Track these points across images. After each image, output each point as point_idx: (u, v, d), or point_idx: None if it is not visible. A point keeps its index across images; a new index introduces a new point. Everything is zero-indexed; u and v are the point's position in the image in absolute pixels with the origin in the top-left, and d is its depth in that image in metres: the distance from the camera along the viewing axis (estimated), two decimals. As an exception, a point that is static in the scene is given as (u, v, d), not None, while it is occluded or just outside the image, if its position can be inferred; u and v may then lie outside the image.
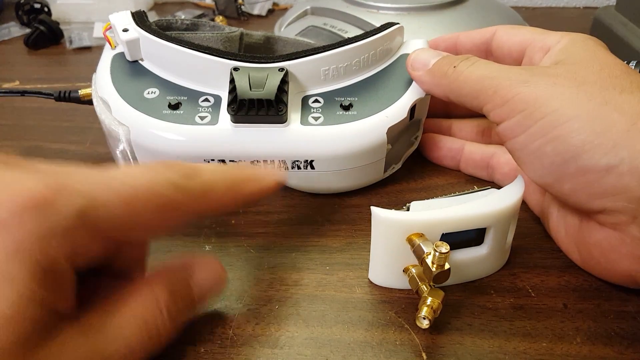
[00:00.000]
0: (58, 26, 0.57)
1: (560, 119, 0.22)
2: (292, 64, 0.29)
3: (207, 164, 0.28)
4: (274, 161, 0.29)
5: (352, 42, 0.30)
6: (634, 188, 0.20)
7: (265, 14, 0.64)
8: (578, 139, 0.21)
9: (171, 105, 0.29)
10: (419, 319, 0.22)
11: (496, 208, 0.23)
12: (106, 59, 0.32)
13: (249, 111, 0.27)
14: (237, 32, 0.33)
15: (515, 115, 0.23)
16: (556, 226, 0.26)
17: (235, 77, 0.28)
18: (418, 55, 0.29)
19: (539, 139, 0.22)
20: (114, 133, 0.29)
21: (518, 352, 0.22)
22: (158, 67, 0.31)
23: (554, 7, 0.67)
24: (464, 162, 0.32)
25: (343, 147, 0.28)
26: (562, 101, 0.22)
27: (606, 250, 0.23)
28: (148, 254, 0.22)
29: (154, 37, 0.30)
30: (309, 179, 0.30)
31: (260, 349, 0.22)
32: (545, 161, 0.23)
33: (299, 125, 0.28)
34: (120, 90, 0.30)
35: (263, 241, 0.28)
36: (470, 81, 0.25)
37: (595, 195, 0.22)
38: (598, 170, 0.21)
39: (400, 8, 0.45)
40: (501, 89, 0.24)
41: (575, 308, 0.24)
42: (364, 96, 0.30)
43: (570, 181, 0.22)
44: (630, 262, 0.22)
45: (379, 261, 0.25)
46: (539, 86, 0.23)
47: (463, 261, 0.24)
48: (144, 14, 0.32)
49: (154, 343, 0.19)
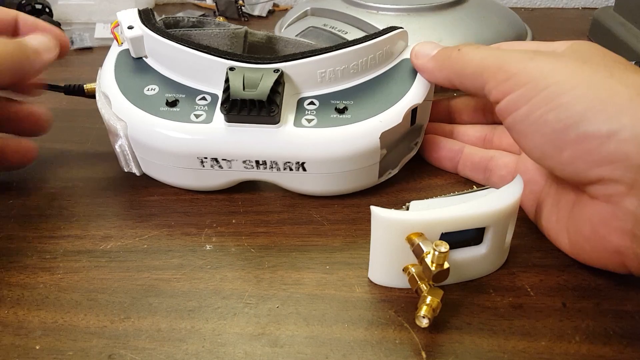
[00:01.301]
0: (59, 27, 0.57)
1: (563, 88, 0.22)
2: (287, 66, 0.29)
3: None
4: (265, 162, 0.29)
5: (349, 45, 0.29)
6: (633, 156, 0.20)
7: (266, 15, 0.65)
8: (581, 106, 0.22)
9: (168, 103, 0.29)
10: (418, 317, 0.22)
11: (495, 208, 0.23)
12: (112, 55, 0.32)
13: (241, 111, 0.27)
14: (242, 30, 0.34)
15: (519, 88, 0.24)
16: (548, 215, 0.26)
17: (230, 77, 0.28)
18: (422, 46, 0.30)
19: (542, 108, 0.23)
20: (113, 128, 0.29)
21: (517, 351, 0.22)
22: (160, 64, 0.31)
23: (552, 8, 0.67)
24: (462, 164, 0.33)
25: (334, 150, 0.28)
26: (566, 73, 0.23)
27: (597, 225, 0.23)
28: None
29: (156, 35, 0.30)
30: (301, 181, 0.30)
31: (261, 347, 0.22)
32: (546, 129, 0.23)
33: (292, 127, 0.28)
34: (121, 86, 0.30)
35: (263, 241, 0.28)
36: (475, 60, 0.26)
37: (594, 163, 0.22)
38: (599, 137, 0.21)
39: (400, 9, 0.45)
40: (506, 64, 0.24)
41: (574, 307, 0.24)
42: (360, 100, 0.29)
43: (570, 148, 0.22)
44: (619, 237, 0.22)
45: (378, 260, 0.25)
46: (543, 62, 0.23)
47: (462, 260, 0.24)
48: (151, 12, 0.33)
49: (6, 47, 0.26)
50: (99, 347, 0.22)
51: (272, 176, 0.30)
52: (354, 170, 0.29)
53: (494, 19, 0.47)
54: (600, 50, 0.25)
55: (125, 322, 0.24)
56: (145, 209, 0.31)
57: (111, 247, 0.28)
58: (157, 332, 0.23)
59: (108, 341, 0.23)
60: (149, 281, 0.26)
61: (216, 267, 0.27)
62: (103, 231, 0.29)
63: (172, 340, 0.23)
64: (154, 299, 0.25)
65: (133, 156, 0.31)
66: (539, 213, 0.27)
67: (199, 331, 0.23)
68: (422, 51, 0.30)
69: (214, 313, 0.24)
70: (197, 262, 0.27)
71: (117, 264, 0.27)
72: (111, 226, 0.29)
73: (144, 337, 0.23)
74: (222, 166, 0.29)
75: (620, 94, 0.21)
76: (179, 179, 0.31)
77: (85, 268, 0.27)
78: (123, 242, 0.28)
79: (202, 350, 0.22)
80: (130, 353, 0.22)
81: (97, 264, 0.27)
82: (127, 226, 0.29)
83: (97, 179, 0.33)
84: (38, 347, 0.23)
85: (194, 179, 0.30)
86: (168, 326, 0.23)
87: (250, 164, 0.29)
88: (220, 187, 0.31)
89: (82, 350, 0.22)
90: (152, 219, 0.30)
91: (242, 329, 0.23)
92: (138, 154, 0.30)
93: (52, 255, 0.27)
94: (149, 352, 0.22)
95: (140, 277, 0.26)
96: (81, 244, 0.28)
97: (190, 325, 0.23)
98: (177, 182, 0.31)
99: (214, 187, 0.31)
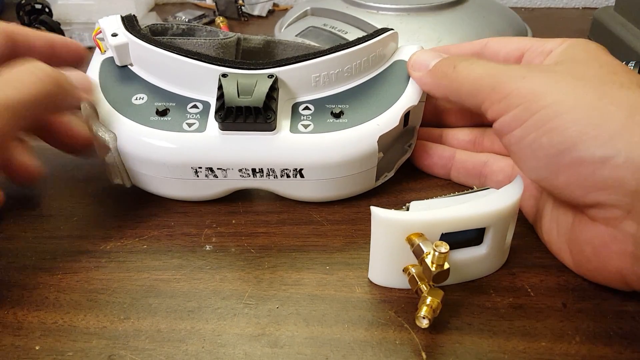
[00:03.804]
0: (59, 27, 0.57)
1: (556, 111, 0.22)
2: (281, 71, 0.28)
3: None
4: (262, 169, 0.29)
5: (343, 49, 0.29)
6: (628, 181, 0.20)
7: (266, 15, 0.65)
8: (574, 130, 0.21)
9: (159, 112, 0.29)
10: (418, 318, 0.22)
11: (495, 208, 0.23)
12: (95, 64, 0.31)
13: (236, 118, 0.27)
14: (233, 38, 0.33)
15: (512, 109, 0.23)
16: (549, 228, 0.26)
17: (223, 84, 0.27)
18: (419, 57, 0.29)
19: (535, 131, 0.22)
20: (101, 140, 0.28)
21: (517, 352, 0.22)
22: (147, 72, 0.30)
23: (552, 8, 0.67)
24: (455, 171, 0.32)
25: (333, 156, 0.28)
26: (559, 94, 0.22)
27: (598, 247, 0.23)
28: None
29: (142, 42, 0.29)
30: (298, 188, 0.29)
31: (261, 348, 0.22)
32: (541, 153, 0.23)
33: (288, 133, 0.28)
34: (107, 96, 0.29)
35: (263, 241, 0.28)
36: (470, 80, 0.26)
37: (589, 188, 0.22)
38: (593, 162, 0.21)
39: (400, 9, 0.45)
40: (499, 85, 0.24)
41: (574, 308, 0.24)
42: (355, 103, 0.29)
43: (565, 173, 0.22)
44: (620, 259, 0.22)
45: (378, 261, 0.25)
46: (536, 81, 0.23)
47: (462, 261, 0.24)
48: (134, 18, 0.32)
49: (43, 84, 0.24)
50: (98, 348, 0.22)
51: (268, 184, 0.29)
52: (352, 175, 0.29)
53: (494, 18, 0.47)
54: (596, 56, 0.24)
55: (125, 323, 0.24)
56: (145, 209, 0.31)
57: (111, 247, 0.28)
58: (157, 333, 0.23)
59: (108, 342, 0.23)
60: (148, 282, 0.26)
61: (216, 268, 0.26)
62: (103, 231, 0.29)
63: (171, 340, 0.23)
64: (153, 300, 0.25)
65: (122, 168, 0.30)
66: (538, 222, 0.27)
67: (198, 332, 0.23)
68: (419, 62, 0.29)
69: (213, 314, 0.24)
70: (196, 262, 0.27)
71: (116, 264, 0.27)
72: (111, 226, 0.29)
73: (144, 337, 0.23)
74: (217, 175, 0.29)
75: (613, 116, 0.21)
76: (172, 189, 0.30)
77: (85, 268, 0.27)
78: (123, 242, 0.28)
79: (202, 351, 0.22)
80: (130, 354, 0.22)
81: (96, 264, 0.27)
82: (127, 226, 0.29)
83: (97, 179, 0.33)
84: (38, 348, 0.22)
85: (188, 190, 0.30)
86: (168, 327, 0.23)
87: (247, 172, 0.29)
88: (214, 197, 0.31)
89: (82, 351, 0.22)
90: (152, 219, 0.30)
91: (242, 329, 0.23)
92: (128, 166, 0.30)
93: (51, 255, 0.27)
94: (149, 352, 0.22)
95: (140, 278, 0.26)
96: (81, 244, 0.28)
97: (190, 326, 0.23)
98: (169, 193, 0.31)
99: (209, 197, 0.31)
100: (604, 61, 0.24)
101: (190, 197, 0.31)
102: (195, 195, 0.30)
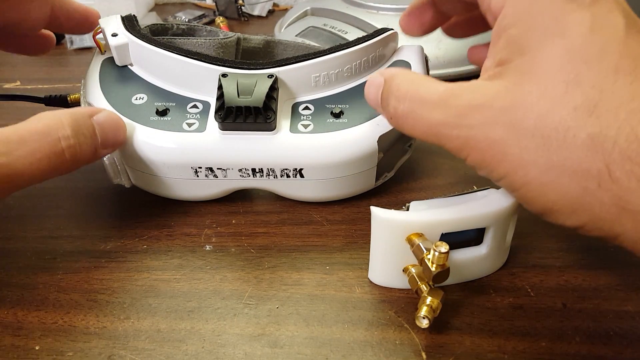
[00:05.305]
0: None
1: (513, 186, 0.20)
2: (281, 71, 0.28)
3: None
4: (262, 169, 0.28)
5: (343, 49, 0.29)
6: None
7: (266, 15, 0.65)
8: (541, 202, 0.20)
9: (159, 112, 0.29)
10: (418, 318, 0.22)
11: (495, 208, 0.23)
12: (96, 64, 0.31)
13: (236, 118, 0.27)
14: (233, 38, 0.33)
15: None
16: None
17: (223, 84, 0.27)
18: (367, 91, 0.26)
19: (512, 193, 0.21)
20: None
21: (517, 352, 0.22)
22: (147, 72, 0.31)
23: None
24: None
25: (333, 156, 0.28)
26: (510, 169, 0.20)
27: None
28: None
29: (142, 42, 0.29)
30: (298, 188, 0.30)
31: (261, 348, 0.22)
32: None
33: (288, 133, 0.28)
34: (108, 96, 0.29)
35: (263, 241, 0.28)
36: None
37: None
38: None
39: (400, 9, 0.45)
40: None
41: (574, 308, 0.24)
42: (355, 103, 0.29)
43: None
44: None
45: (378, 261, 0.25)
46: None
47: (462, 261, 0.24)
48: (134, 18, 0.32)
49: (60, 161, 0.23)
50: (98, 348, 0.22)
51: (268, 184, 0.29)
52: (352, 175, 0.29)
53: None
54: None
55: (124, 323, 0.24)
56: (145, 209, 0.31)
57: (111, 247, 0.28)
58: (157, 333, 0.23)
59: (108, 342, 0.23)
60: (148, 282, 0.26)
61: (216, 268, 0.26)
62: (103, 231, 0.29)
63: (171, 340, 0.23)
64: (153, 300, 0.25)
65: (122, 168, 0.30)
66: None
67: (198, 332, 0.23)
68: (370, 98, 0.25)
69: (213, 314, 0.24)
70: (196, 262, 0.27)
71: (116, 264, 0.27)
72: (111, 226, 0.29)
73: (144, 337, 0.23)
74: (217, 175, 0.29)
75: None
76: (172, 189, 0.30)
77: (85, 268, 0.27)
78: (123, 242, 0.28)
79: (202, 351, 0.22)
80: (130, 354, 0.22)
81: (96, 264, 0.27)
82: (127, 226, 0.29)
83: (97, 179, 0.33)
84: (37, 348, 0.23)
85: (188, 190, 0.30)
86: (168, 327, 0.23)
87: (247, 172, 0.29)
88: (214, 197, 0.31)
89: (82, 351, 0.22)
90: (152, 219, 0.30)
91: (242, 329, 0.23)
92: (128, 166, 0.30)
93: (51, 255, 0.27)
94: (149, 352, 0.22)
95: (140, 278, 0.26)
96: (81, 244, 0.28)
97: (190, 326, 0.23)
98: (169, 193, 0.30)
99: (209, 197, 0.31)
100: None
101: (190, 197, 0.31)
102: (195, 195, 0.30)
